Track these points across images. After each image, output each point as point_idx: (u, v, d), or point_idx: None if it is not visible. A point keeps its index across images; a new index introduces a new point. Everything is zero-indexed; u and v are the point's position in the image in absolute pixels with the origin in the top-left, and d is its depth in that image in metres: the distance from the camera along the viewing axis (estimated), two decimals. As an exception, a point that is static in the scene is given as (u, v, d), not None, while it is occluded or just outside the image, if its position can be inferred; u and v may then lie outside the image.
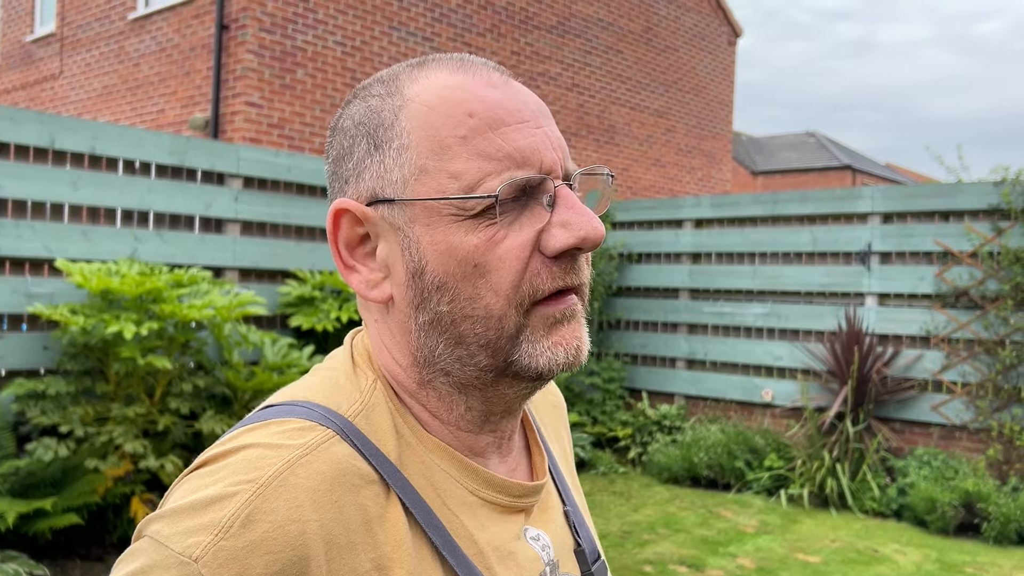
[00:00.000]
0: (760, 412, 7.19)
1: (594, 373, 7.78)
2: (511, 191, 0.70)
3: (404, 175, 0.72)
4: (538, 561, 0.77)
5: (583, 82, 11.71)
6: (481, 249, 0.70)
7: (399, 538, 0.66)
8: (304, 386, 0.74)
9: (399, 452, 0.71)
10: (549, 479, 0.86)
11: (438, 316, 0.72)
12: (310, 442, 0.66)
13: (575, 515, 0.86)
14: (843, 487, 6.04)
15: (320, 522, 0.62)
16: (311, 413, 0.69)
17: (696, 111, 13.62)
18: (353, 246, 0.76)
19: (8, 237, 4.57)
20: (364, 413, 0.71)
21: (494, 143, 0.70)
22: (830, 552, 5.06)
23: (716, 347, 7.51)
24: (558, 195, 0.71)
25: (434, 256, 0.71)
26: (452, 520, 0.71)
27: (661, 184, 12.97)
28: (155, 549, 0.60)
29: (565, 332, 0.72)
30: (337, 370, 0.76)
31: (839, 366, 6.46)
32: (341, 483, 0.65)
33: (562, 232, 0.70)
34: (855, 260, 6.76)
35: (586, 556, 0.83)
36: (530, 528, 0.79)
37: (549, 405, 0.98)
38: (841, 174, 27.18)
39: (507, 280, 0.70)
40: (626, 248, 8.02)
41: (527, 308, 0.71)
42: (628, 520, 5.59)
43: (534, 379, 0.73)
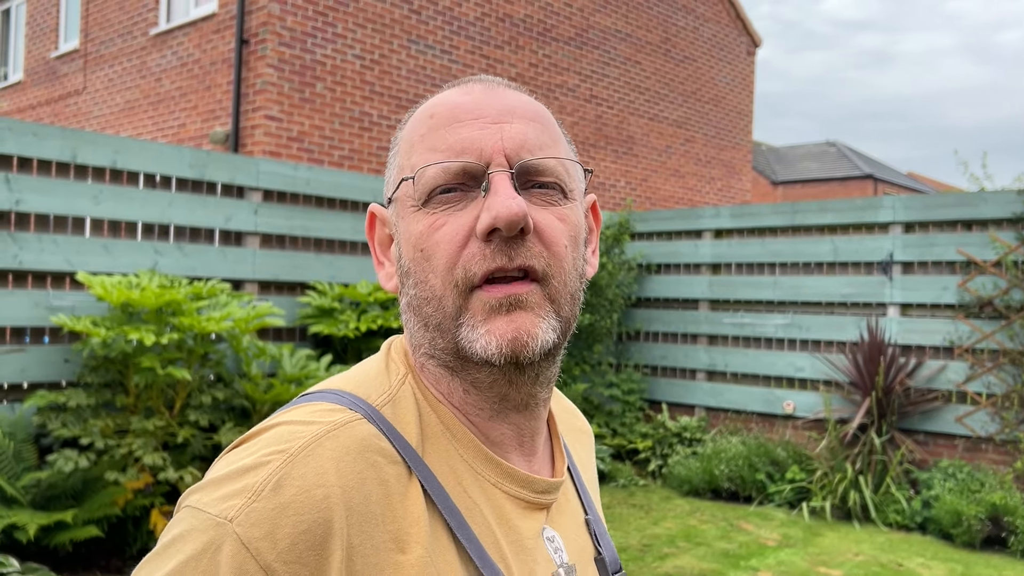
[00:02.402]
0: (782, 424, 7.12)
1: (613, 385, 7.74)
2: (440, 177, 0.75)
3: (393, 176, 0.82)
4: (550, 562, 0.79)
5: (601, 93, 11.71)
6: (425, 234, 0.76)
7: (417, 516, 0.70)
8: (339, 378, 0.80)
9: (421, 440, 0.75)
10: (570, 485, 0.88)
11: (410, 300, 0.79)
12: (338, 420, 0.71)
13: (596, 524, 0.88)
14: (866, 500, 5.96)
15: (343, 488, 0.66)
16: (341, 399, 0.75)
17: (715, 121, 13.58)
18: (385, 245, 0.86)
19: (31, 251, 4.62)
20: (391, 403, 0.76)
21: (442, 137, 0.77)
22: (853, 566, 4.99)
23: (736, 358, 7.45)
24: (491, 182, 0.74)
25: (404, 244, 0.79)
26: (472, 508, 0.75)
27: (680, 195, 12.92)
28: (193, 515, 0.65)
29: (501, 321, 0.73)
30: (371, 365, 0.82)
31: (861, 377, 6.39)
32: (364, 458, 0.69)
33: (484, 214, 0.73)
34: (877, 270, 6.69)
35: (606, 565, 0.85)
36: (547, 528, 0.81)
37: (574, 429, 1.01)
38: (862, 183, 26.99)
39: (442, 262, 0.74)
40: (645, 259, 7.99)
41: (464, 291, 0.74)
42: (648, 533, 5.54)
43: (488, 364, 0.75)
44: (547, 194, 0.78)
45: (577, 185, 0.82)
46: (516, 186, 0.75)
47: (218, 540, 0.62)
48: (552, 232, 0.76)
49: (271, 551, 0.62)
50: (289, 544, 0.63)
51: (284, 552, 0.63)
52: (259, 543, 0.62)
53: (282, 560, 0.62)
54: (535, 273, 0.75)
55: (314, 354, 5.37)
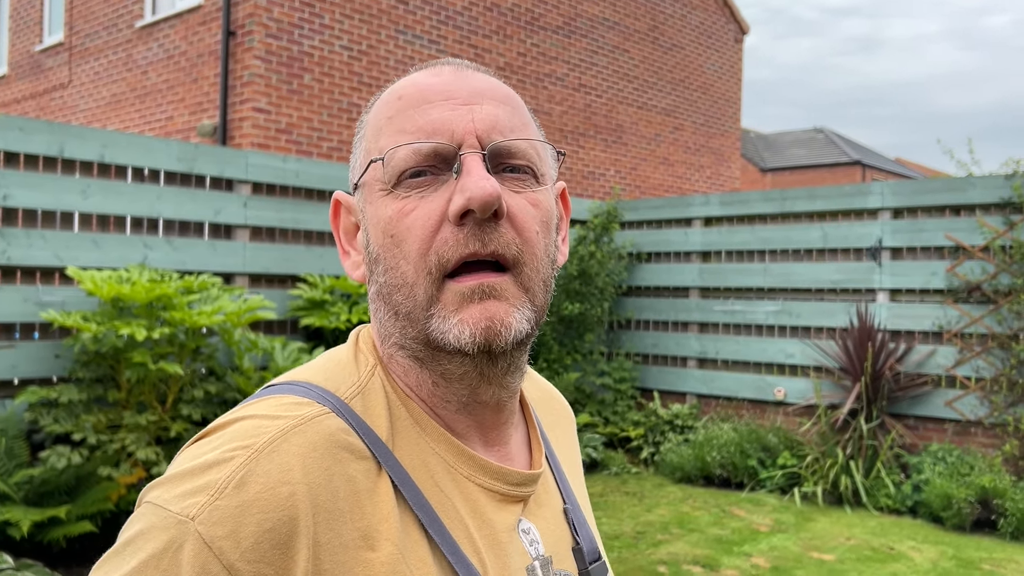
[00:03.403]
0: (773, 410, 7.16)
1: (605, 373, 7.77)
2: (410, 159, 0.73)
3: (360, 161, 0.80)
4: (525, 555, 0.77)
5: (590, 82, 11.70)
6: (394, 219, 0.74)
7: (387, 512, 0.68)
8: (306, 368, 0.77)
9: (392, 434, 0.73)
10: (548, 475, 0.86)
11: (379, 288, 0.77)
12: (305, 414, 0.69)
13: (575, 513, 0.86)
14: (857, 484, 6.01)
15: (309, 485, 0.65)
16: (309, 392, 0.73)
17: (704, 109, 13.59)
18: (351, 233, 0.83)
19: (19, 246, 4.59)
20: (360, 395, 0.74)
21: (411, 119, 0.75)
22: (845, 550, 5.03)
23: (727, 346, 7.48)
24: (463, 163, 0.73)
25: (372, 230, 0.77)
26: (444, 502, 0.73)
27: (670, 183, 12.94)
28: (154, 512, 0.63)
29: (474, 310, 0.72)
30: (340, 354, 0.80)
31: (851, 363, 6.42)
32: (332, 453, 0.67)
33: (457, 196, 0.72)
34: (866, 256, 6.73)
35: (584, 554, 0.83)
36: (523, 520, 0.79)
37: (555, 411, 0.99)
38: (850, 170, 27.06)
39: (414, 248, 0.73)
40: (635, 247, 8.00)
41: (438, 278, 0.72)
42: (641, 520, 5.57)
43: (458, 354, 0.73)
44: (519, 178, 0.76)
45: (548, 170, 0.81)
46: (488, 168, 0.73)
47: (179, 539, 0.61)
48: (524, 217, 0.75)
49: (234, 550, 0.61)
50: (253, 543, 0.61)
51: (248, 551, 0.61)
52: (222, 542, 0.61)
53: (246, 560, 0.61)
54: (506, 261, 0.73)
55: (306, 347, 5.37)
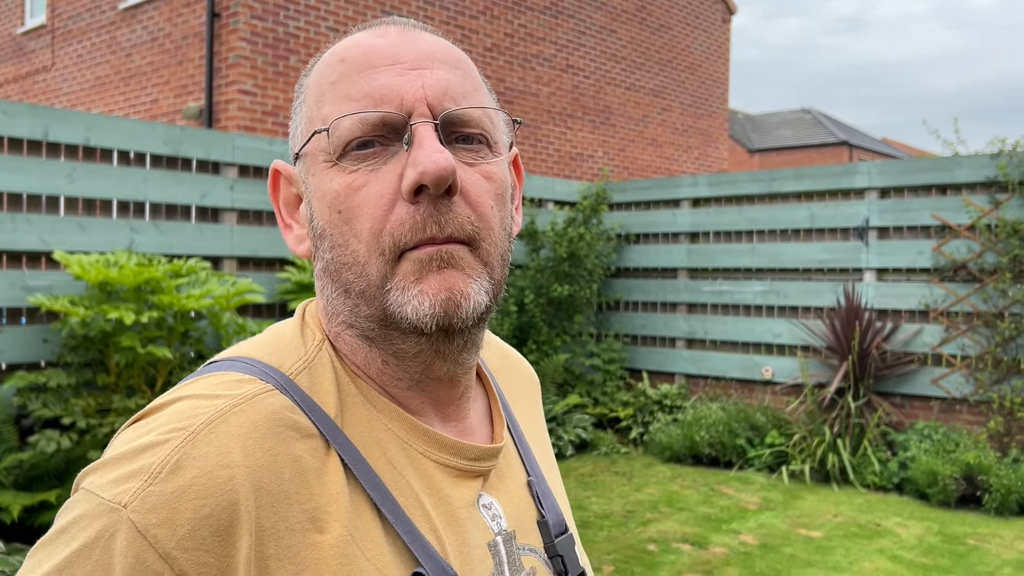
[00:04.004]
0: (761, 390, 7.21)
1: (594, 355, 7.79)
2: (356, 129, 0.69)
3: (302, 128, 0.75)
4: (487, 531, 0.75)
5: (577, 63, 11.66)
6: (342, 195, 0.70)
7: (336, 492, 0.65)
8: (250, 343, 0.74)
9: (341, 411, 0.70)
10: (511, 447, 0.84)
11: (326, 265, 0.73)
12: (246, 393, 0.66)
13: (539, 486, 0.84)
14: (844, 462, 6.06)
15: (249, 468, 0.62)
16: (251, 368, 0.69)
17: (691, 90, 13.58)
18: (292, 206, 0.79)
19: (4, 231, 4.56)
20: (307, 371, 0.71)
21: (356, 84, 0.71)
22: (832, 527, 5.08)
23: (716, 326, 7.51)
24: (414, 134, 0.69)
25: (316, 204, 0.73)
26: (397, 480, 0.70)
27: (658, 164, 12.94)
28: (87, 499, 0.61)
29: (433, 280, 0.68)
30: (286, 329, 0.76)
31: (839, 342, 6.47)
32: (275, 433, 0.64)
33: (409, 170, 0.68)
34: (853, 236, 6.76)
35: (549, 528, 0.81)
36: (484, 495, 0.77)
37: (517, 377, 0.96)
38: (838, 150, 27.12)
39: (366, 227, 0.69)
40: (623, 229, 8.01)
41: (392, 259, 0.69)
42: (631, 499, 5.61)
43: (415, 332, 0.70)
44: (472, 149, 0.72)
45: (502, 137, 0.77)
46: (441, 138, 0.69)
47: (112, 527, 0.58)
48: (478, 192, 0.71)
49: (170, 538, 0.58)
50: (190, 530, 0.59)
51: (185, 539, 0.58)
52: (157, 530, 0.58)
53: (183, 547, 0.58)
54: (464, 240, 0.70)
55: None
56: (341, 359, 0.74)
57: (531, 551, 0.79)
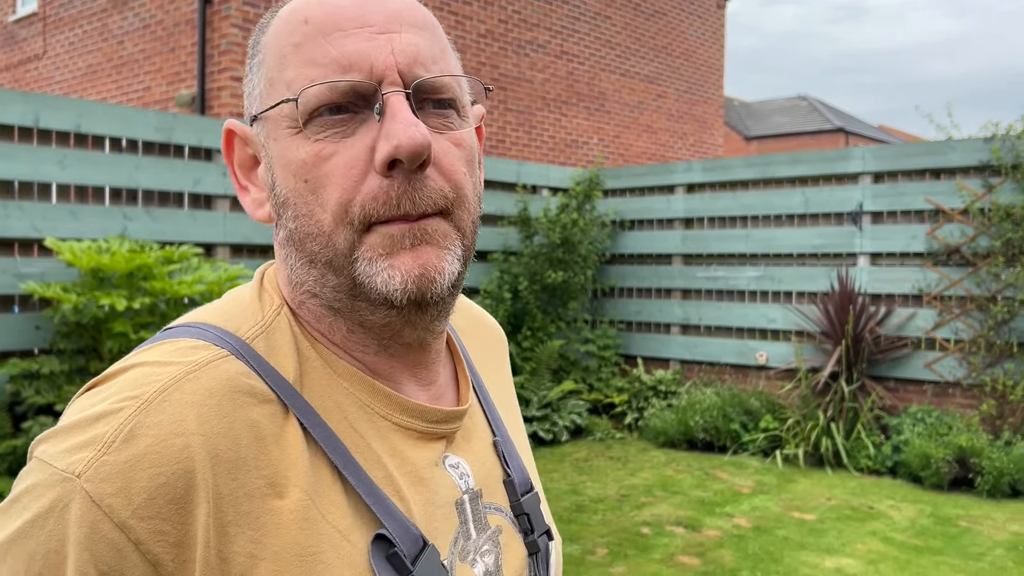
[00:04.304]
0: (755, 375, 7.23)
1: (589, 341, 7.80)
2: (324, 96, 0.66)
3: (261, 90, 0.72)
4: (455, 488, 0.75)
5: (572, 49, 11.63)
6: (309, 164, 0.67)
7: (295, 457, 0.65)
8: (206, 309, 0.73)
9: (300, 375, 0.69)
10: (477, 408, 0.84)
11: (290, 234, 0.70)
12: (200, 359, 0.65)
13: (505, 445, 0.84)
14: (838, 446, 6.09)
15: (205, 436, 0.61)
16: (206, 334, 0.68)
17: (687, 76, 13.55)
18: (248, 167, 0.76)
19: (-4, 218, 4.55)
20: (264, 335, 0.70)
21: (322, 48, 0.68)
22: (825, 510, 5.11)
23: (710, 312, 7.52)
24: (386, 104, 0.66)
25: (279, 171, 0.70)
26: (358, 443, 0.69)
27: (653, 151, 12.92)
28: (40, 468, 0.60)
29: (406, 256, 0.67)
30: (243, 293, 0.75)
31: (832, 327, 6.48)
32: (231, 399, 0.63)
33: (383, 143, 0.66)
34: (847, 220, 6.76)
35: (515, 487, 0.81)
36: (450, 456, 0.77)
37: (484, 337, 0.96)
38: (834, 137, 27.10)
39: (334, 197, 0.67)
40: (618, 215, 8.01)
41: (360, 228, 0.67)
42: (625, 484, 5.63)
43: (386, 304, 0.69)
44: (442, 115, 0.71)
45: (468, 99, 0.75)
46: (414, 107, 0.67)
47: (66, 497, 0.57)
48: (450, 161, 0.70)
49: (125, 508, 0.57)
50: (146, 499, 0.58)
51: (141, 508, 0.58)
52: (111, 499, 0.57)
53: (139, 516, 0.57)
54: (440, 213, 0.69)
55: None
56: (301, 324, 0.73)
57: (497, 510, 0.79)
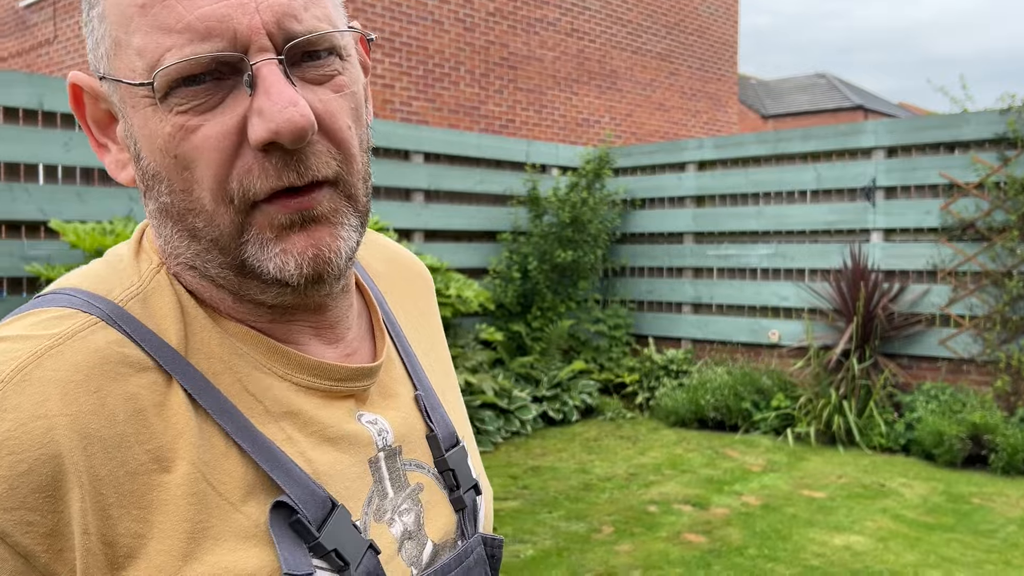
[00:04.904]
0: (767, 353, 7.17)
1: (600, 321, 7.76)
2: (184, 70, 0.59)
3: (106, 48, 0.64)
4: (369, 446, 0.70)
5: (582, 27, 11.52)
6: (176, 139, 0.61)
7: (181, 427, 0.60)
8: (79, 272, 0.67)
9: (185, 337, 0.64)
10: (397, 362, 0.80)
11: (164, 207, 0.65)
12: (64, 331, 0.60)
13: (427, 399, 0.80)
14: (850, 424, 6.03)
15: (72, 416, 0.56)
16: (73, 300, 0.63)
17: (700, 53, 13.40)
18: (104, 124, 0.68)
19: (2, 200, 4.56)
20: (141, 297, 0.65)
21: (174, 12, 0.59)
22: (836, 488, 5.06)
23: (722, 290, 7.46)
24: (256, 75, 0.60)
25: (143, 142, 0.63)
26: (254, 406, 0.65)
27: (666, 129, 12.81)
28: None
29: (297, 239, 0.63)
30: (119, 254, 0.69)
31: (845, 304, 6.41)
32: (102, 371, 0.59)
33: (258, 122, 0.59)
34: (860, 196, 6.67)
35: (439, 442, 0.77)
36: (366, 413, 0.72)
37: (406, 281, 0.91)
38: (852, 115, 26.79)
39: (208, 175, 0.61)
40: (629, 194, 7.94)
41: (243, 208, 0.62)
42: (634, 463, 5.61)
43: (279, 284, 0.64)
44: (321, 65, 0.63)
45: (349, 40, 0.68)
46: (288, 73, 0.60)
47: None
48: (333, 117, 0.63)
49: None
50: (7, 489, 0.53)
51: (2, 498, 0.53)
52: None
53: (1, 508, 0.53)
54: (329, 181, 0.64)
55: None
56: (183, 284, 0.68)
57: (418, 466, 0.75)
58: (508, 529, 4.35)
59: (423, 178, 6.70)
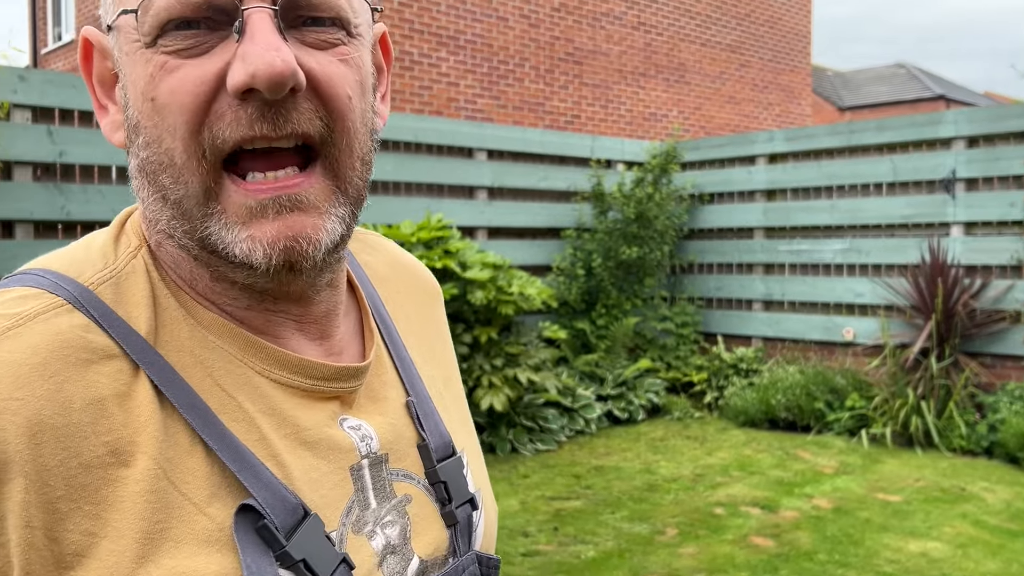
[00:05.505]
0: (841, 352, 6.95)
1: (666, 319, 7.64)
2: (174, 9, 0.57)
3: None
4: (352, 453, 0.66)
5: (649, 20, 11.37)
6: (155, 80, 0.58)
7: (144, 420, 0.56)
8: (54, 253, 0.64)
9: (155, 326, 0.61)
10: (389, 365, 0.75)
11: (141, 163, 0.61)
12: (26, 312, 0.57)
13: (420, 405, 0.74)
14: (929, 425, 5.79)
15: (22, 401, 0.53)
16: (41, 281, 0.60)
17: (771, 44, 13.10)
18: (108, 84, 0.66)
19: (77, 202, 4.70)
20: (113, 281, 0.61)
21: None
22: (913, 491, 4.87)
23: (794, 287, 7.26)
24: (246, 22, 0.57)
25: (131, 89, 0.61)
26: (226, 402, 0.61)
27: (736, 122, 12.56)
28: None
29: (268, 226, 0.58)
30: (97, 236, 0.66)
31: (923, 301, 6.17)
32: (62, 356, 0.55)
33: (238, 66, 0.56)
34: (939, 188, 6.41)
35: (430, 452, 0.72)
36: (349, 418, 0.68)
37: (410, 287, 0.87)
38: (934, 105, 25.89)
39: (180, 119, 0.58)
40: (697, 189, 7.79)
41: (214, 165, 0.58)
42: (701, 463, 5.49)
43: (251, 269, 0.60)
44: (324, 32, 0.61)
45: (364, 20, 0.65)
46: (281, 28, 0.58)
47: None
48: (331, 82, 0.60)
49: None
50: None
51: None
52: None
53: None
54: (312, 141, 0.60)
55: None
56: (161, 271, 0.64)
57: (407, 477, 0.70)
58: (570, 529, 4.29)
59: (487, 175, 6.69)
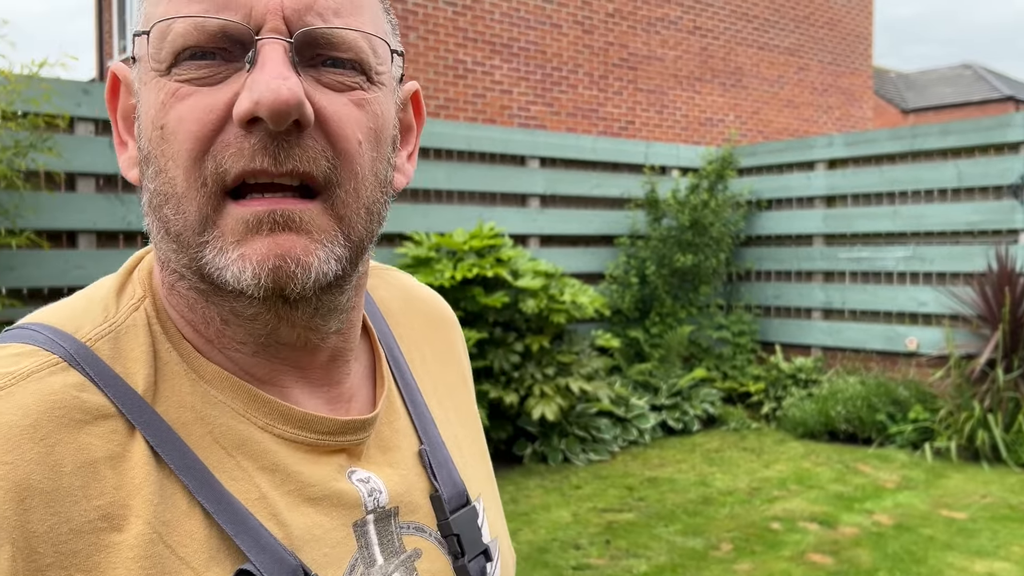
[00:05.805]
0: (904, 362, 6.75)
1: (722, 327, 7.51)
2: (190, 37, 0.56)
3: (138, 27, 0.62)
4: (357, 508, 0.63)
5: (705, 24, 11.22)
6: (165, 107, 0.57)
7: (139, 483, 0.55)
8: (55, 305, 0.62)
9: (154, 382, 0.59)
10: (402, 412, 0.72)
11: (151, 196, 0.60)
12: (19, 371, 0.55)
13: (434, 454, 0.71)
14: (996, 439, 5.59)
15: (11, 464, 0.51)
16: (36, 337, 0.58)
17: (831, 47, 12.83)
18: (131, 120, 0.64)
19: (137, 213, 4.80)
20: (112, 336, 0.59)
21: None
22: (979, 508, 4.69)
23: (855, 295, 7.08)
24: (259, 51, 0.56)
25: (143, 119, 0.60)
26: (224, 460, 0.59)
27: (795, 126, 12.32)
28: None
29: (260, 244, 0.56)
30: (101, 285, 0.64)
31: (990, 310, 5.96)
32: (53, 417, 0.53)
33: (244, 94, 0.55)
34: (1006, 194, 6.19)
35: (443, 503, 0.69)
36: (358, 470, 0.65)
37: (425, 324, 0.83)
38: (1003, 107, 25.11)
39: (185, 147, 0.56)
40: (754, 195, 7.66)
41: (215, 193, 0.56)
42: (758, 476, 5.37)
43: (241, 295, 0.58)
44: (342, 74, 0.59)
45: (388, 69, 0.63)
46: (295, 61, 0.57)
47: None
48: (340, 123, 0.58)
49: None
50: None
51: None
52: None
53: None
54: (315, 181, 0.58)
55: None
56: (165, 320, 0.62)
57: (418, 530, 0.68)
58: (622, 543, 4.23)
59: (539, 183, 6.66)
